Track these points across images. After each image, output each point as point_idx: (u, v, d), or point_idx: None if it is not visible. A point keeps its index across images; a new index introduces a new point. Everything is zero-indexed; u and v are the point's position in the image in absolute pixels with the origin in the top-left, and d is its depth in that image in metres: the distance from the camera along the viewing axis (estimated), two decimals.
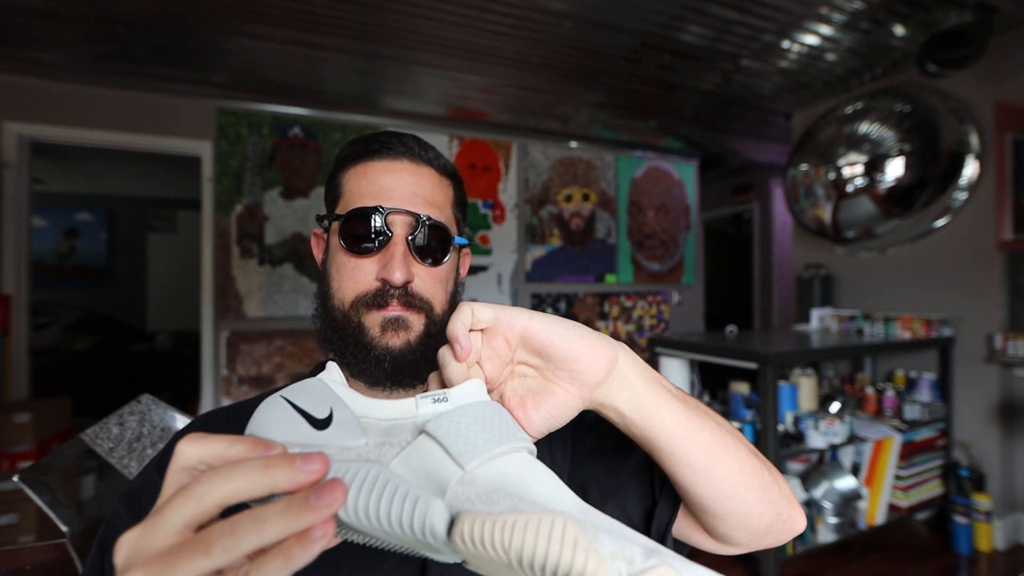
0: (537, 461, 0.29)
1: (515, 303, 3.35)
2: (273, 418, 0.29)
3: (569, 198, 3.54)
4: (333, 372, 0.35)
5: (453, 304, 0.53)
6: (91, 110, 2.53)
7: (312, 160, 2.90)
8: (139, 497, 0.44)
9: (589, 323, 3.57)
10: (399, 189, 0.49)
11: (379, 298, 0.47)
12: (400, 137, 0.52)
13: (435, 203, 0.51)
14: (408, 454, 0.28)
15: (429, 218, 0.49)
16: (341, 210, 0.50)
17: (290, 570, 0.21)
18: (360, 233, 0.48)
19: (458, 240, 0.52)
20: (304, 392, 0.31)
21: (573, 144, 3.53)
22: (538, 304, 3.43)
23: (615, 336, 3.66)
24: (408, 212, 0.48)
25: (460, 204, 0.56)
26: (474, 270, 3.25)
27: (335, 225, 0.50)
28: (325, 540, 0.21)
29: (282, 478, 0.22)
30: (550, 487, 0.27)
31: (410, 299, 0.48)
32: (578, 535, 0.22)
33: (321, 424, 0.29)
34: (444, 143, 3.18)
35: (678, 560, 0.22)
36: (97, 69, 2.42)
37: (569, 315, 3.51)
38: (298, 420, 0.29)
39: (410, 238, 0.48)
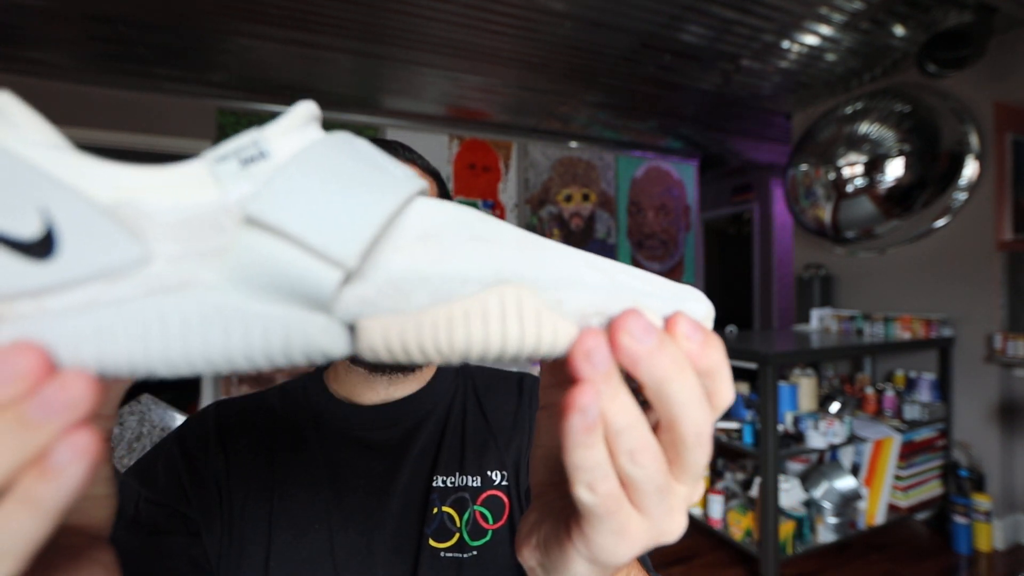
0: (440, 202, 0.20)
1: None
2: None
3: (569, 198, 3.54)
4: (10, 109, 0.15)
5: None
6: (91, 110, 2.53)
7: None
8: (151, 468, 0.48)
9: None
10: None
11: None
12: (385, 141, 0.56)
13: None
14: (231, 265, 0.16)
15: None
16: None
17: (45, 516, 0.13)
18: None
19: None
20: None
21: (573, 144, 3.53)
22: None
23: None
24: None
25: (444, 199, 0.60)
26: None
27: None
28: (81, 462, 0.13)
29: None
30: (478, 240, 0.18)
31: None
32: (538, 306, 0.17)
33: (36, 249, 0.14)
34: (444, 143, 3.18)
35: (652, 291, 0.19)
36: (97, 69, 2.43)
37: None
38: None
39: None
